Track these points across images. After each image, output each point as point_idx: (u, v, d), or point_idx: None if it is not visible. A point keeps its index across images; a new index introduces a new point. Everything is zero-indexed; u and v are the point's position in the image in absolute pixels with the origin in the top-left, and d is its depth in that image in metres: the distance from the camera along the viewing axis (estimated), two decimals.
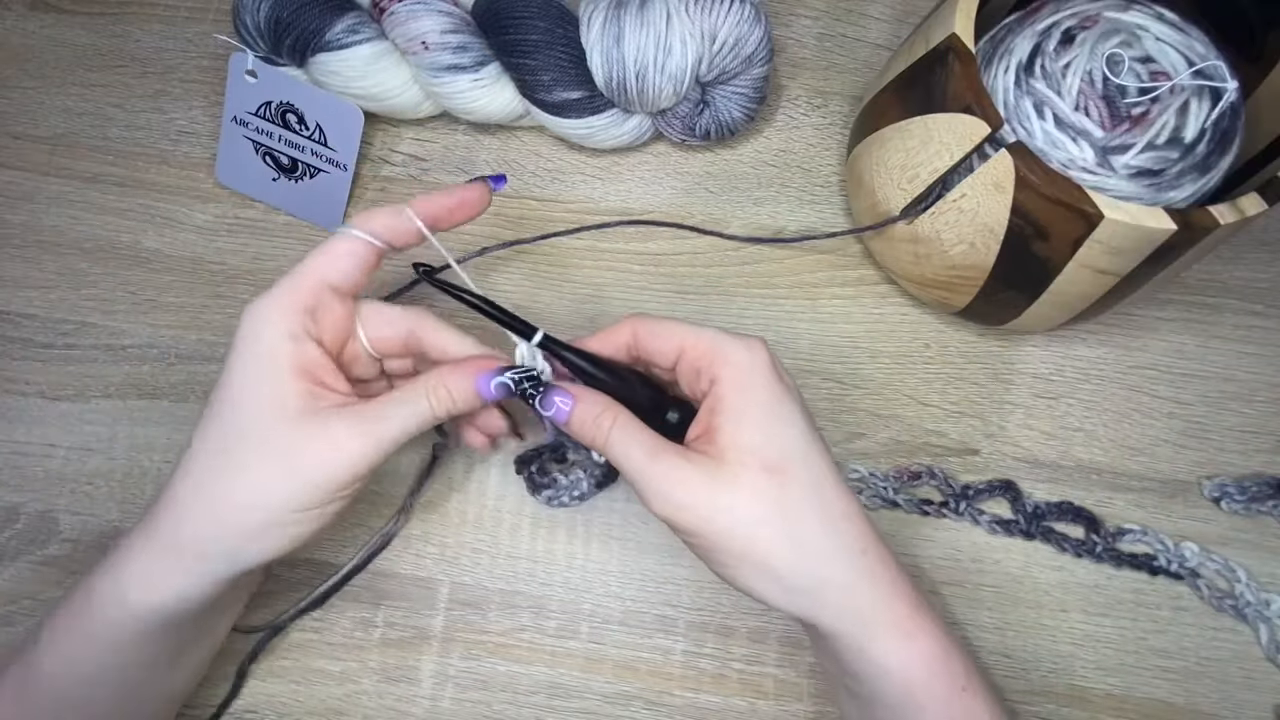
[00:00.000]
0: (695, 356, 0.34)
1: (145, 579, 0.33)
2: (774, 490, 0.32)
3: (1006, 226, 0.39)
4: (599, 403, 0.34)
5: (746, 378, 0.33)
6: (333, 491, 0.33)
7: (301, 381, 0.33)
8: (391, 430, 0.33)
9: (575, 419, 0.34)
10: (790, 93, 0.54)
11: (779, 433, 0.33)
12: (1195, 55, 0.41)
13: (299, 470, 0.33)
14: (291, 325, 0.34)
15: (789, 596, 0.32)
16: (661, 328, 0.35)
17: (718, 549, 0.32)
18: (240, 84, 0.48)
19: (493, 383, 0.35)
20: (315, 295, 0.35)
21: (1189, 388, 0.49)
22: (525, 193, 0.52)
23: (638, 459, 0.33)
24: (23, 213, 0.51)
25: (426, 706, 0.43)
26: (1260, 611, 0.44)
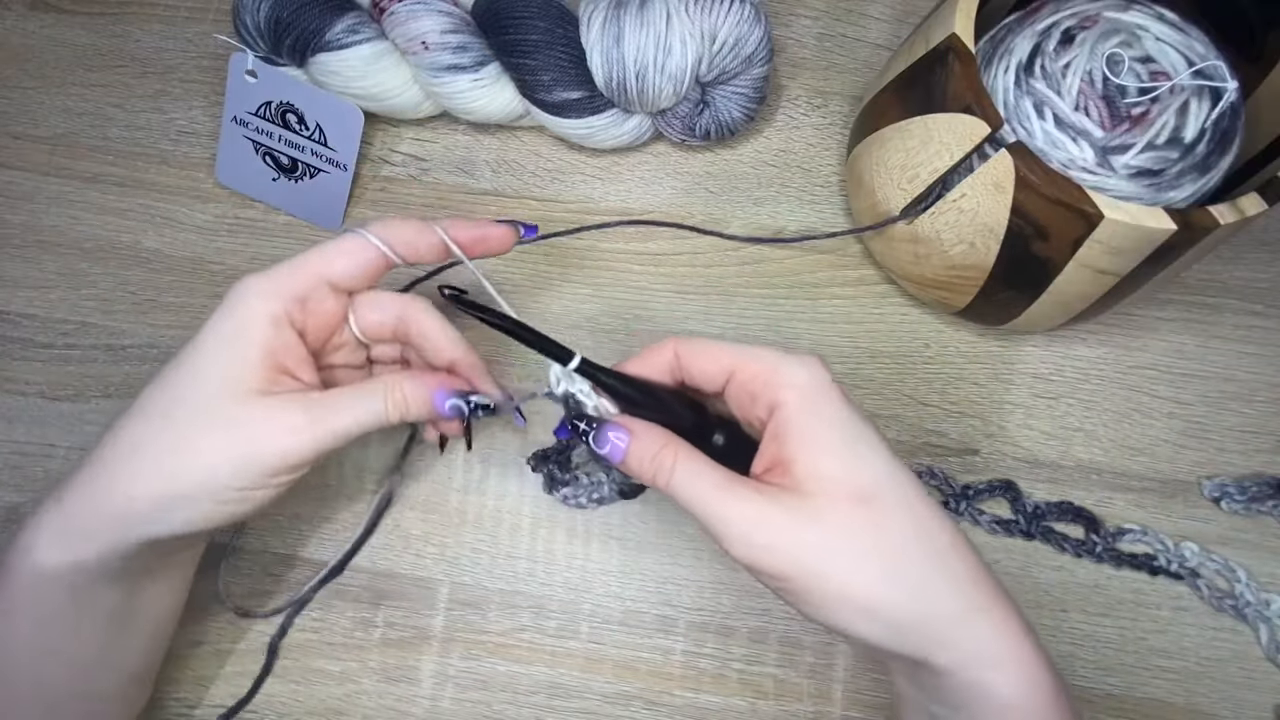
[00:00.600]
0: (747, 379, 0.32)
1: (62, 538, 0.32)
2: (868, 522, 0.29)
3: (1006, 226, 0.39)
4: (657, 439, 0.31)
5: (813, 401, 0.31)
6: (270, 474, 0.32)
7: (267, 366, 0.33)
8: (341, 422, 0.33)
9: (633, 458, 0.31)
10: (790, 93, 0.54)
11: (862, 458, 0.30)
12: (1195, 55, 0.41)
13: (241, 447, 0.32)
14: (275, 309, 0.33)
15: (897, 637, 0.30)
16: (707, 349, 0.33)
17: (810, 591, 0.30)
18: (240, 84, 0.48)
19: (447, 403, 0.35)
20: (310, 286, 0.34)
21: (1189, 388, 0.49)
22: (525, 193, 0.52)
23: (710, 500, 0.30)
24: (23, 213, 0.51)
25: (426, 706, 0.43)
26: (1260, 611, 0.44)
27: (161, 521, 0.32)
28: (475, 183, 0.52)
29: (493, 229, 0.38)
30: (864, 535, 0.29)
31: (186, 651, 0.43)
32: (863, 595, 0.29)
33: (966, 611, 0.30)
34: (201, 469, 0.32)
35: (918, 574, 0.30)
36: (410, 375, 0.35)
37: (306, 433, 0.32)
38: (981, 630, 0.30)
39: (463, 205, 0.51)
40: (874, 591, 0.29)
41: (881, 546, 0.30)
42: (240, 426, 0.32)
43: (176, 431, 0.32)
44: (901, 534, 0.30)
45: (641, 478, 0.32)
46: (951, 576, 0.30)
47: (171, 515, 0.32)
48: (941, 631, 0.30)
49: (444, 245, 0.37)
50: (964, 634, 0.30)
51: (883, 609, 0.29)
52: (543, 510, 0.46)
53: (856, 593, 0.29)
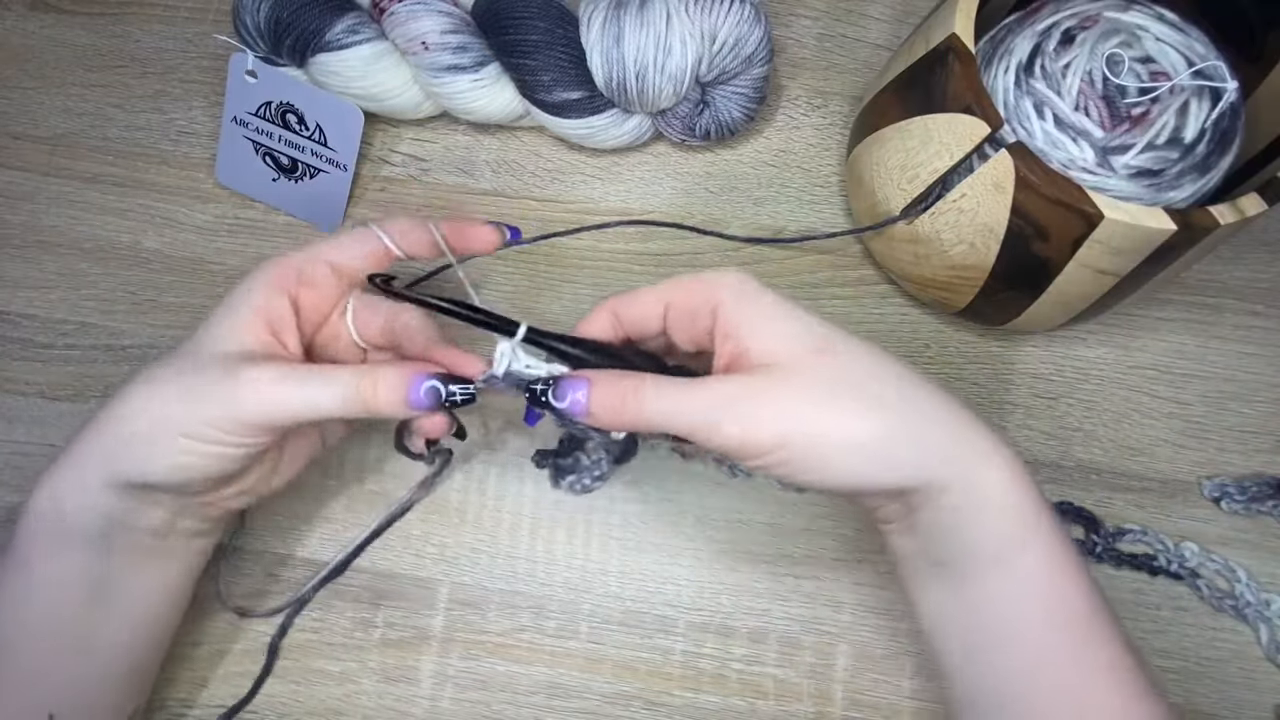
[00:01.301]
0: (683, 302, 0.33)
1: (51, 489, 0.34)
2: (838, 367, 0.31)
3: (1006, 226, 0.39)
4: (615, 376, 0.32)
5: (747, 292, 0.32)
6: (218, 425, 0.32)
7: (258, 325, 0.35)
8: (305, 395, 0.33)
9: (596, 401, 0.31)
10: (790, 93, 0.54)
11: (807, 321, 0.32)
12: (1195, 55, 0.41)
13: (197, 393, 0.33)
14: (275, 278, 0.35)
15: (901, 466, 0.30)
16: (638, 295, 0.34)
17: (811, 448, 0.30)
18: (240, 84, 0.48)
19: (422, 387, 0.33)
20: (312, 264, 0.36)
21: (1189, 388, 0.49)
22: (525, 193, 0.52)
23: (690, 401, 0.31)
24: (23, 213, 0.51)
25: (426, 706, 0.43)
26: (1260, 611, 0.44)
27: (122, 460, 0.33)
28: (475, 183, 0.52)
29: (479, 227, 0.39)
30: (840, 379, 0.31)
31: (186, 651, 0.43)
32: (860, 433, 0.30)
33: (951, 428, 0.31)
34: (159, 407, 0.33)
35: (900, 399, 0.31)
36: (389, 364, 0.34)
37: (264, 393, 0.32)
38: (969, 442, 0.31)
39: (463, 205, 0.51)
40: (869, 427, 0.30)
41: (860, 384, 0.31)
42: (205, 375, 0.33)
43: (159, 378, 0.34)
44: (871, 369, 0.31)
45: (614, 422, 0.32)
46: (933, 400, 0.31)
47: (131, 453, 0.33)
48: (938, 447, 0.31)
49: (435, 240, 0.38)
50: (956, 447, 0.31)
51: (882, 441, 0.30)
52: (543, 510, 0.46)
53: (853, 433, 0.30)
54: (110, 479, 0.34)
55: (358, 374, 0.33)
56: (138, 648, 0.37)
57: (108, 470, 0.34)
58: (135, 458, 0.33)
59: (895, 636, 0.44)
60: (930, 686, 0.43)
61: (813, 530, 0.46)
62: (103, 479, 0.34)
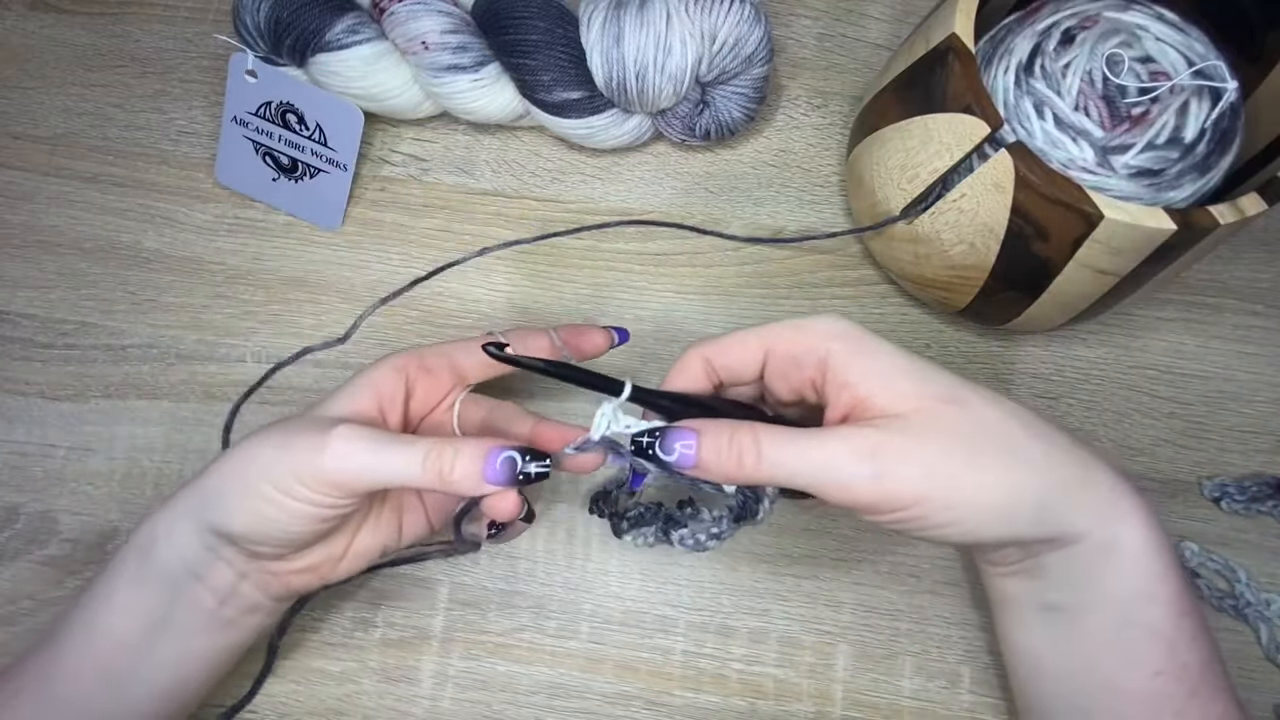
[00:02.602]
0: (785, 350, 0.32)
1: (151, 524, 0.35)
2: (969, 419, 0.29)
3: (1006, 226, 0.39)
4: (726, 426, 0.30)
5: (859, 340, 0.31)
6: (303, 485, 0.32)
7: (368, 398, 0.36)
8: (375, 463, 0.32)
9: (706, 453, 0.30)
10: (790, 93, 0.54)
11: (929, 370, 0.31)
12: (1195, 55, 0.41)
13: (289, 447, 0.33)
14: (399, 362, 0.37)
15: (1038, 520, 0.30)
16: (734, 341, 0.33)
17: (948, 506, 0.29)
18: (240, 84, 0.48)
19: (499, 459, 0.31)
20: (436, 357, 0.38)
21: (1189, 388, 0.49)
22: (525, 193, 0.52)
23: (814, 456, 0.29)
24: (23, 213, 0.51)
25: (426, 706, 0.43)
26: (1260, 611, 0.44)
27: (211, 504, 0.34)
28: (475, 183, 0.52)
29: (592, 333, 0.40)
30: (973, 432, 0.29)
31: None
32: (999, 490, 0.29)
33: (1085, 476, 0.31)
34: (254, 457, 0.34)
35: (1034, 451, 0.30)
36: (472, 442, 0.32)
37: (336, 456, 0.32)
38: (1103, 491, 0.31)
39: (463, 205, 0.51)
40: (1009, 484, 0.29)
41: (995, 437, 0.30)
42: (301, 431, 0.33)
43: (265, 432, 0.34)
44: (1003, 420, 0.30)
45: (725, 474, 0.30)
46: (1061, 446, 0.31)
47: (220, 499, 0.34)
48: (1076, 499, 0.30)
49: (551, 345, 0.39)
50: (1090, 497, 0.31)
51: (1019, 496, 0.30)
52: (543, 510, 0.46)
53: (989, 489, 0.29)
54: (198, 523, 0.34)
55: (438, 442, 0.32)
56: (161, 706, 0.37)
57: (197, 514, 0.34)
58: (223, 503, 0.34)
59: (895, 637, 0.44)
60: (931, 686, 0.43)
61: (813, 530, 0.46)
62: (192, 522, 0.34)
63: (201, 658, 0.37)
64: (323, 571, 0.37)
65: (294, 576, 0.37)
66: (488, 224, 0.51)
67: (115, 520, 0.45)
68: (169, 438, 0.47)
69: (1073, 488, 0.31)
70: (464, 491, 0.32)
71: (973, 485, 0.29)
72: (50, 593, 0.44)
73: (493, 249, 0.49)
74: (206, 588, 0.35)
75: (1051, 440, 0.31)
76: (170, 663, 0.36)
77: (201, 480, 0.35)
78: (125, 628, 0.35)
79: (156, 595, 0.35)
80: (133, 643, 0.35)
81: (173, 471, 0.46)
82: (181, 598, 0.35)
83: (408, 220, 0.51)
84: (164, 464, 0.46)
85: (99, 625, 0.35)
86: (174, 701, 0.37)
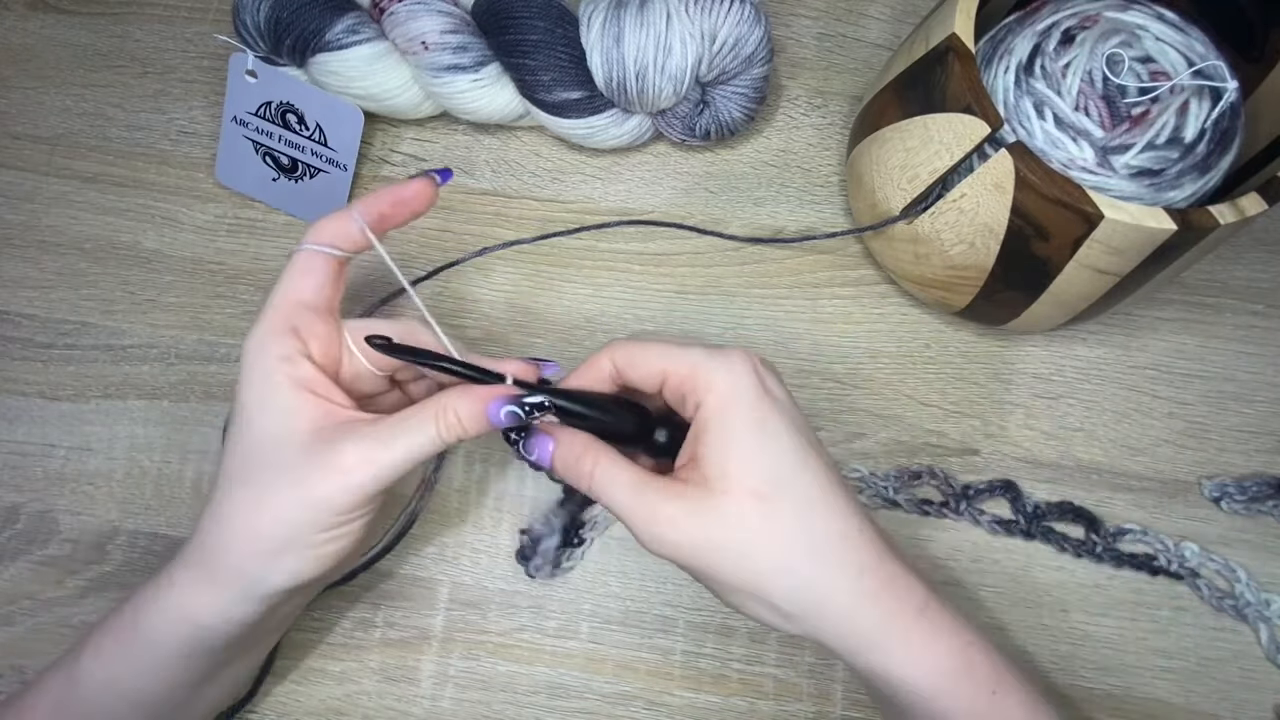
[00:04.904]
0: (677, 382, 0.33)
1: (192, 602, 0.34)
2: (762, 518, 0.32)
3: (1006, 226, 0.39)
4: (579, 443, 0.33)
5: (729, 404, 0.33)
6: (346, 514, 0.33)
7: (304, 396, 0.33)
8: (396, 456, 0.33)
9: (558, 461, 0.34)
10: (790, 93, 0.54)
11: (765, 456, 0.32)
12: (1195, 55, 0.41)
13: (311, 496, 0.32)
14: (281, 348, 0.34)
15: (790, 623, 0.32)
16: (641, 355, 0.34)
17: (714, 580, 0.33)
18: (240, 84, 0.48)
19: (503, 411, 0.33)
20: (294, 316, 0.34)
21: (1189, 388, 0.49)
22: (525, 193, 0.52)
23: (624, 499, 0.32)
24: (23, 213, 0.51)
25: (426, 706, 0.43)
26: (1260, 611, 0.44)
27: (269, 584, 0.33)
28: (475, 183, 0.52)
29: (407, 189, 0.36)
30: (756, 530, 0.32)
31: None
32: (754, 585, 0.32)
33: (855, 601, 0.32)
34: (285, 525, 0.33)
35: (804, 567, 0.32)
36: (459, 392, 0.33)
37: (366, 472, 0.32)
38: (864, 618, 0.32)
39: (463, 205, 0.51)
40: (764, 581, 0.32)
41: (773, 540, 0.32)
42: (303, 479, 0.33)
43: (255, 495, 0.33)
44: (794, 528, 0.32)
45: (569, 480, 0.34)
46: (841, 569, 0.32)
47: (281, 567, 0.33)
48: (827, 618, 0.32)
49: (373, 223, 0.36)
50: (848, 622, 0.32)
51: (773, 598, 0.32)
52: (543, 511, 0.46)
53: (749, 583, 0.32)
54: (250, 594, 0.33)
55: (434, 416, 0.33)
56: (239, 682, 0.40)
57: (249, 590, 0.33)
58: (282, 571, 0.33)
59: None
60: None
61: None
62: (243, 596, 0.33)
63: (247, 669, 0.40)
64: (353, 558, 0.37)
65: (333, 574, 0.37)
66: (488, 224, 0.51)
67: (115, 520, 0.45)
68: (169, 438, 0.47)
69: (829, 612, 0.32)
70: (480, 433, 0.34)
71: (731, 571, 0.32)
72: (50, 593, 0.44)
73: (493, 249, 0.49)
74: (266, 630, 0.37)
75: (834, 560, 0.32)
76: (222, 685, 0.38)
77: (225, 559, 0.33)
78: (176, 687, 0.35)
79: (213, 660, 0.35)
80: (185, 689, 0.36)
81: (172, 471, 0.46)
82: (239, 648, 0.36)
83: None
84: (164, 464, 0.46)
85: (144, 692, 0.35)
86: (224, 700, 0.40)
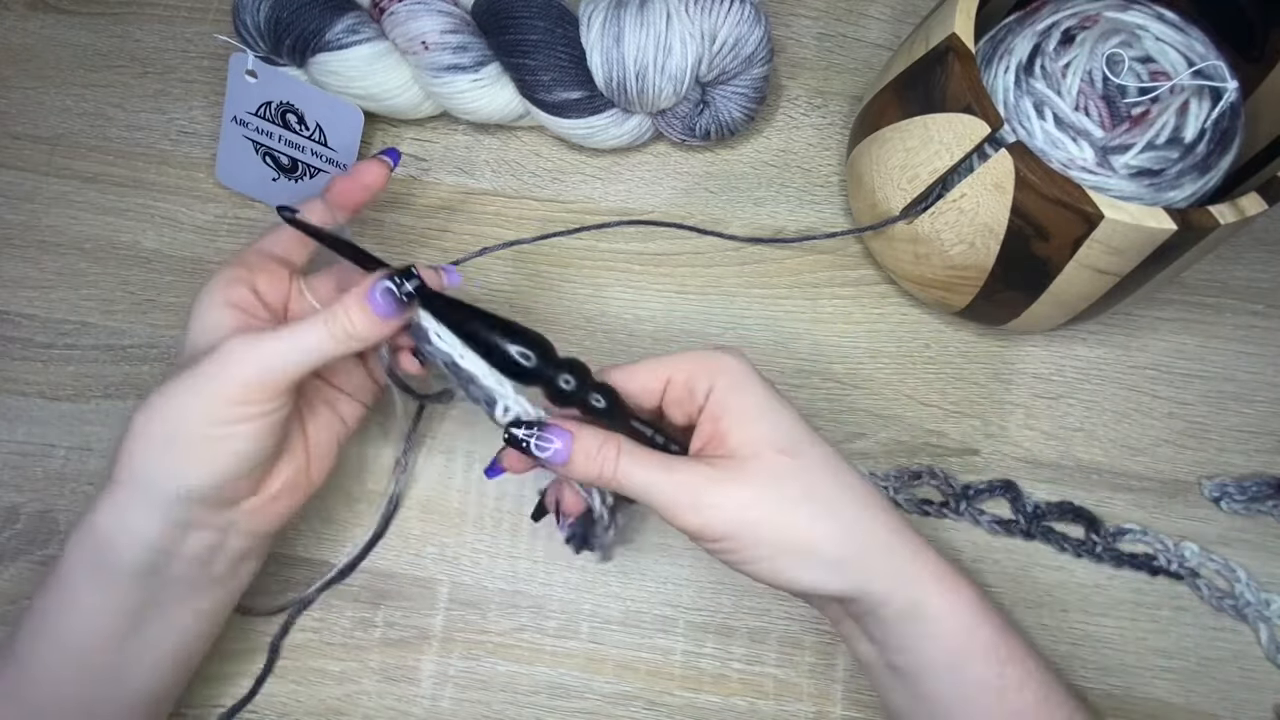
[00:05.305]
0: (685, 378, 0.35)
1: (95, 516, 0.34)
2: (794, 470, 0.33)
3: (1006, 226, 0.39)
4: (598, 435, 0.34)
5: (741, 379, 0.34)
6: (233, 405, 0.33)
7: (230, 312, 0.36)
8: (282, 346, 0.34)
9: (578, 456, 0.33)
10: (790, 93, 0.54)
11: (783, 420, 0.34)
12: (1195, 55, 0.41)
13: (197, 385, 0.34)
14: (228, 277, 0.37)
15: (838, 573, 0.33)
16: (635, 371, 0.36)
17: (756, 544, 0.32)
18: (240, 84, 0.48)
19: (378, 290, 0.34)
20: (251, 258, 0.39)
21: (1189, 388, 0.49)
22: (525, 193, 0.52)
23: (655, 478, 0.33)
24: (23, 213, 0.51)
25: (426, 706, 0.43)
26: (1260, 611, 0.44)
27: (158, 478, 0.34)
28: (475, 183, 0.52)
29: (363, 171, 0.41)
30: (794, 483, 0.33)
31: None
32: (803, 537, 0.32)
33: (895, 545, 0.33)
34: (173, 418, 0.34)
35: (847, 513, 0.33)
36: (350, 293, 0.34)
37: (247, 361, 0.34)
38: (910, 559, 0.33)
39: (463, 205, 0.51)
40: (812, 530, 0.32)
41: (811, 491, 0.33)
42: (196, 372, 0.34)
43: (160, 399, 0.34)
44: (827, 481, 0.33)
45: (588, 476, 0.34)
46: (878, 517, 0.34)
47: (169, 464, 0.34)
48: (874, 561, 0.33)
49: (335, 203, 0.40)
50: (895, 562, 0.33)
51: (822, 546, 0.32)
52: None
53: (796, 536, 0.32)
54: (152, 505, 0.34)
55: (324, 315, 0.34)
56: (166, 678, 0.37)
57: (146, 496, 0.34)
58: (172, 470, 0.34)
59: None
60: None
61: None
62: (143, 508, 0.34)
63: (197, 623, 0.37)
64: (298, 485, 0.38)
65: (274, 504, 0.37)
66: (488, 224, 0.51)
67: None
68: None
69: (874, 550, 0.33)
70: (372, 336, 0.34)
71: (778, 528, 0.32)
72: None
73: (493, 249, 0.49)
74: (185, 560, 0.35)
75: (866, 506, 0.34)
76: (163, 637, 0.36)
77: (128, 463, 0.34)
78: (98, 627, 0.35)
79: (126, 589, 0.35)
80: (112, 635, 0.35)
81: None
82: (158, 578, 0.35)
83: (408, 220, 0.51)
84: None
85: (68, 631, 0.35)
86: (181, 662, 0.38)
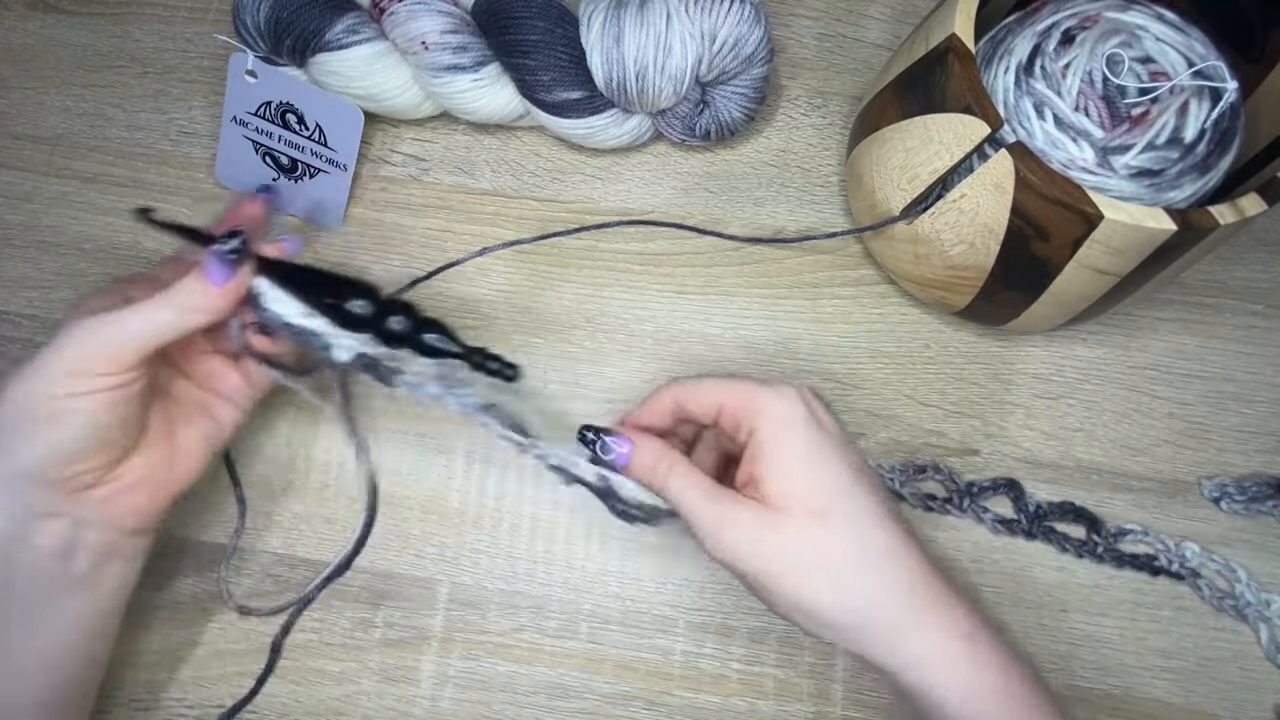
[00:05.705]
0: (733, 410, 0.36)
1: None
2: (817, 534, 0.33)
3: (1006, 227, 0.39)
4: (656, 449, 0.36)
5: (783, 429, 0.35)
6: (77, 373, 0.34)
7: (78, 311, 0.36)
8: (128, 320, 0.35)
9: (635, 464, 0.36)
10: (790, 93, 0.54)
11: (818, 477, 0.34)
12: (1195, 55, 0.41)
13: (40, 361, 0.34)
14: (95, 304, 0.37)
15: (840, 635, 0.34)
16: (698, 389, 0.37)
17: (768, 590, 0.34)
18: (240, 84, 0.48)
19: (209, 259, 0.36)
20: None
21: (1189, 388, 0.49)
22: (525, 193, 0.52)
23: (697, 504, 0.34)
24: (23, 213, 0.51)
25: (426, 707, 0.43)
26: (1260, 611, 0.44)
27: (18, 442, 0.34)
28: (475, 183, 0.52)
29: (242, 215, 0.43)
30: (812, 545, 0.33)
31: (186, 652, 0.43)
32: (809, 599, 0.33)
33: (906, 619, 0.33)
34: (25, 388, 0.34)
35: (856, 582, 0.33)
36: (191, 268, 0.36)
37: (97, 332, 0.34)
38: (918, 636, 0.33)
39: (463, 205, 0.51)
40: (818, 595, 0.33)
41: (828, 559, 0.33)
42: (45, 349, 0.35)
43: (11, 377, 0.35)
44: (848, 548, 0.34)
45: (641, 480, 0.37)
46: (893, 586, 0.34)
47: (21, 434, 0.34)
48: (882, 637, 0.33)
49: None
50: (902, 640, 0.33)
51: (825, 612, 0.33)
52: (543, 510, 0.46)
53: (804, 597, 0.33)
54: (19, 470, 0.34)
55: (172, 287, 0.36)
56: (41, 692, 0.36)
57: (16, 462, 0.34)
58: (15, 446, 0.34)
59: None
60: None
61: None
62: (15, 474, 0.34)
63: (68, 624, 0.36)
64: (158, 480, 0.37)
65: (130, 496, 0.36)
66: (488, 224, 0.51)
67: None
68: None
69: (883, 628, 0.33)
70: (211, 305, 0.36)
71: (791, 587, 0.33)
72: None
73: (493, 249, 0.49)
74: (39, 551, 0.34)
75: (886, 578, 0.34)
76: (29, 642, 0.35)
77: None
78: None
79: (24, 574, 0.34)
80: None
81: None
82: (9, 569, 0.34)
83: (408, 220, 0.51)
84: None
85: None
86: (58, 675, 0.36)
